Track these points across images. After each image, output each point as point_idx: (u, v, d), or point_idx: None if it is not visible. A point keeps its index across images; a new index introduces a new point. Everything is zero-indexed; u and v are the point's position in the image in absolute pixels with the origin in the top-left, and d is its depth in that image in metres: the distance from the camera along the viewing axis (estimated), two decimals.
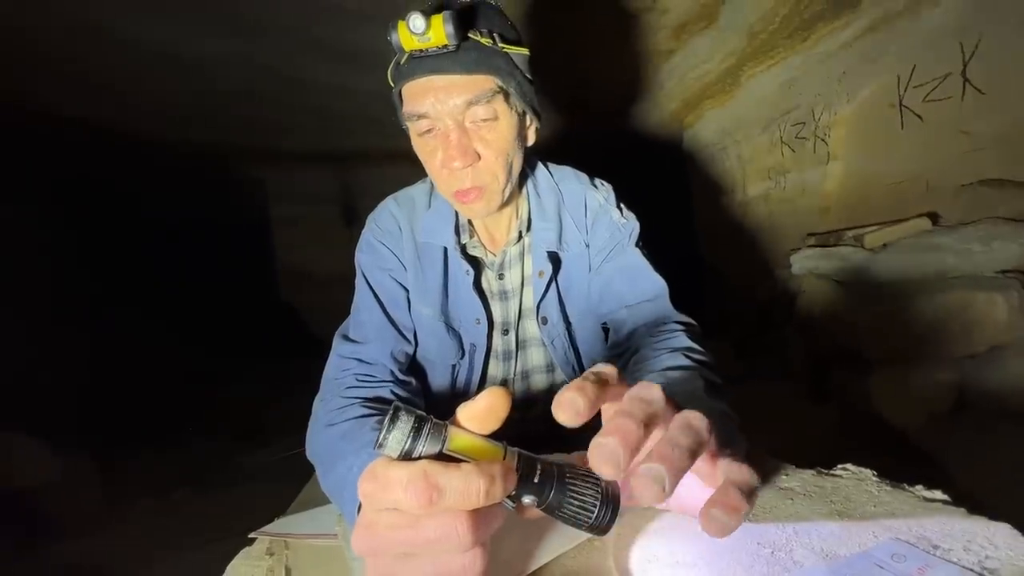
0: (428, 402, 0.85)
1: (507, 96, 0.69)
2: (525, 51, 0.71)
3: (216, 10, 2.25)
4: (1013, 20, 1.83)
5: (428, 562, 0.30)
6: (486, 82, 0.67)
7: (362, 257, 0.84)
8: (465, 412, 0.33)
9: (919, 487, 0.42)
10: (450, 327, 0.83)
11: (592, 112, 3.63)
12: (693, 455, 0.29)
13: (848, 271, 1.94)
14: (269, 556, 0.49)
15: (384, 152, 4.18)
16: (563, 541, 0.41)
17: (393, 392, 0.74)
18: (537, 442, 0.71)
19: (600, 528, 0.32)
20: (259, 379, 3.90)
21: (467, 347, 0.85)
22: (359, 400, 0.69)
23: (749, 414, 0.59)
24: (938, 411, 1.50)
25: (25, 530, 1.87)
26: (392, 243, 0.83)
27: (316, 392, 0.77)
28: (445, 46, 0.63)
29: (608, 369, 0.35)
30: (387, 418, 0.30)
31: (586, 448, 0.34)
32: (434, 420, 0.31)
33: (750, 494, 0.31)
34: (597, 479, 0.32)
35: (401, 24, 0.62)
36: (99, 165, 3.53)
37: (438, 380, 0.86)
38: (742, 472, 0.33)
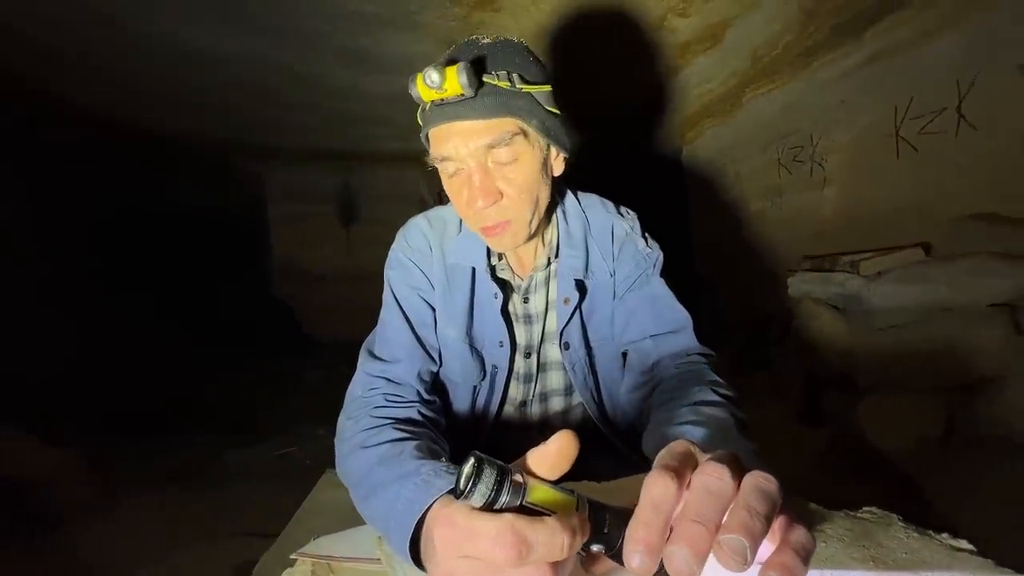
0: (449, 421, 0.86)
1: (527, 135, 0.71)
2: (547, 88, 0.72)
3: (232, 8, 2.25)
4: (1007, 63, 1.90)
5: None
6: (506, 124, 0.68)
7: (391, 274, 0.85)
8: (536, 456, 0.35)
9: (944, 535, 0.45)
10: (474, 349, 0.85)
11: (594, 126, 3.67)
12: (769, 521, 0.30)
13: (843, 297, 1.99)
14: None
15: (386, 153, 4.18)
16: None
17: (421, 412, 0.75)
18: None
19: (663, 573, 0.34)
20: (251, 376, 3.86)
21: (489, 369, 0.86)
22: (391, 421, 0.70)
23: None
24: (927, 439, 1.55)
25: (13, 522, 1.84)
26: (422, 262, 0.84)
27: (310, 392, 0.78)
28: (462, 95, 0.65)
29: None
30: (468, 468, 0.32)
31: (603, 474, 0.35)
32: (513, 471, 0.33)
33: (806, 558, 0.32)
34: None
35: (419, 77, 0.65)
36: (95, 155, 3.48)
37: (460, 400, 0.87)
38: (799, 535, 0.33)
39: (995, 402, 1.47)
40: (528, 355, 0.89)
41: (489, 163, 0.70)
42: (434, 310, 0.84)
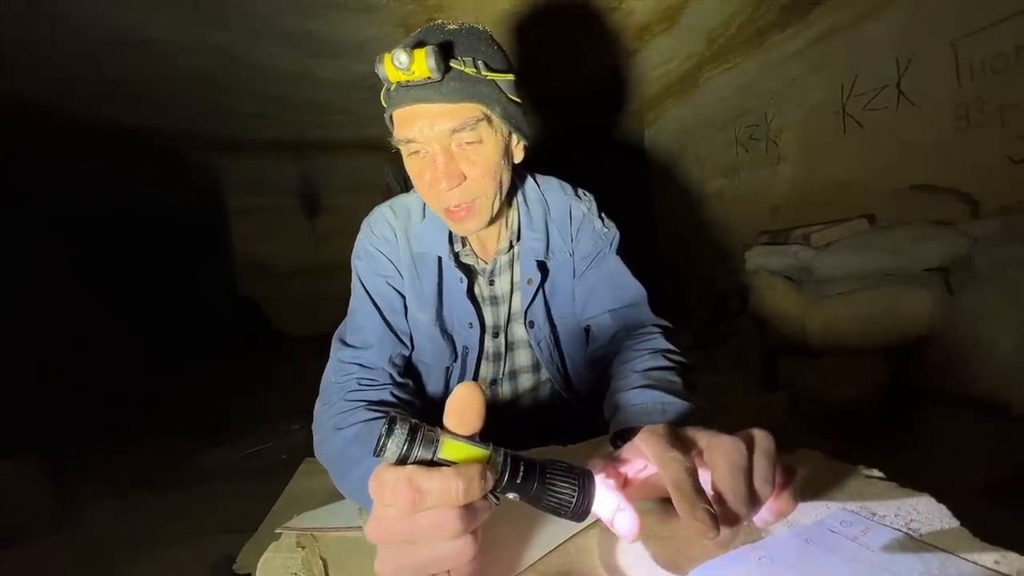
0: (424, 402, 0.89)
1: (491, 121, 0.73)
2: (511, 77, 0.75)
3: None
4: (941, 41, 2.02)
5: (426, 548, 0.35)
6: (470, 110, 0.70)
7: (359, 264, 0.87)
8: (445, 413, 0.37)
9: (861, 466, 0.51)
10: (444, 331, 0.88)
11: (554, 108, 3.69)
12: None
13: (796, 268, 2.10)
14: (301, 549, 0.53)
15: (345, 142, 4.10)
16: (556, 534, 0.46)
17: (393, 394, 0.78)
18: (522, 433, 0.77)
19: (578, 515, 0.37)
20: (217, 374, 3.78)
21: (460, 350, 0.89)
22: (363, 403, 0.73)
23: (707, 400, 0.68)
24: (873, 394, 1.67)
25: None
26: (389, 250, 0.86)
27: (280, 388, 0.80)
28: (429, 78, 0.66)
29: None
30: (384, 427, 0.34)
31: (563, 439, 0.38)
32: (426, 428, 0.35)
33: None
34: (574, 473, 0.37)
35: (387, 58, 0.66)
36: (45, 150, 3.30)
37: (433, 382, 0.90)
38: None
39: (929, 358, 1.59)
40: (496, 335, 0.92)
41: (453, 146, 0.72)
42: (403, 296, 0.86)
